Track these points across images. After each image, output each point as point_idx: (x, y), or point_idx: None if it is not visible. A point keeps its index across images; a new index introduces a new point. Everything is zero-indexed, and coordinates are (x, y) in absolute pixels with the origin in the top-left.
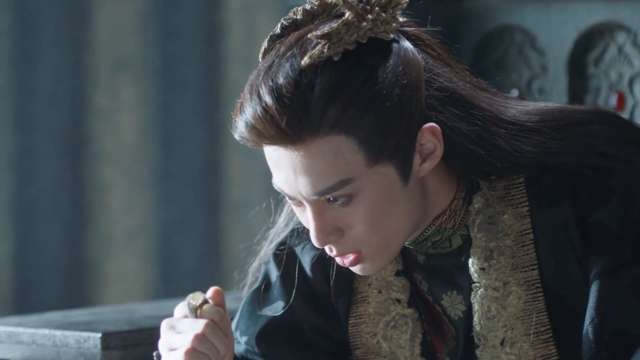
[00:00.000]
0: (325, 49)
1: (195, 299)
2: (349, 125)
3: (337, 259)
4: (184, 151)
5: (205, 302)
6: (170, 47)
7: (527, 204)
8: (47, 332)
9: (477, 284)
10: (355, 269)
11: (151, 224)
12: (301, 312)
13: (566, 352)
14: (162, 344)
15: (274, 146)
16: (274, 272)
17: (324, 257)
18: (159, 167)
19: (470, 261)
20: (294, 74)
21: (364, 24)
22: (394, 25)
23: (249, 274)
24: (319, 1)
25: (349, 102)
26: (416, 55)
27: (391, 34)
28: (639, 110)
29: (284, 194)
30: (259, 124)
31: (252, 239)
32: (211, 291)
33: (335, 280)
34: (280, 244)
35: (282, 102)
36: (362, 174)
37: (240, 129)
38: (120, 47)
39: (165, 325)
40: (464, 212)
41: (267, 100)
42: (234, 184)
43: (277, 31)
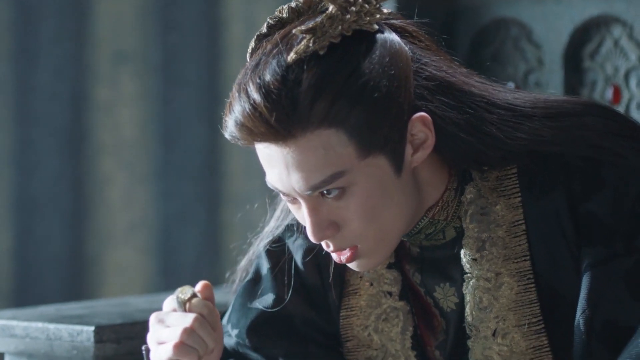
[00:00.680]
0: (310, 44)
1: (183, 292)
2: (337, 118)
3: (334, 256)
4: (184, 145)
5: (194, 295)
6: (170, 41)
7: (519, 194)
8: (40, 325)
9: (469, 275)
10: (352, 266)
11: (151, 218)
12: (292, 304)
13: (558, 343)
14: (150, 338)
15: (265, 143)
16: (264, 265)
17: (315, 250)
18: (159, 162)
19: (462, 252)
20: (280, 70)
21: (347, 16)
22: (377, 16)
23: (237, 272)
24: None
25: (336, 95)
26: (402, 46)
27: (376, 26)
28: (634, 103)
29: (278, 191)
30: (248, 122)
31: (253, 234)
32: (200, 285)
33: (327, 272)
34: (273, 241)
35: (270, 98)
36: (354, 167)
37: (230, 128)
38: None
39: (154, 318)
40: (457, 203)
41: (255, 97)
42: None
43: (264, 30)
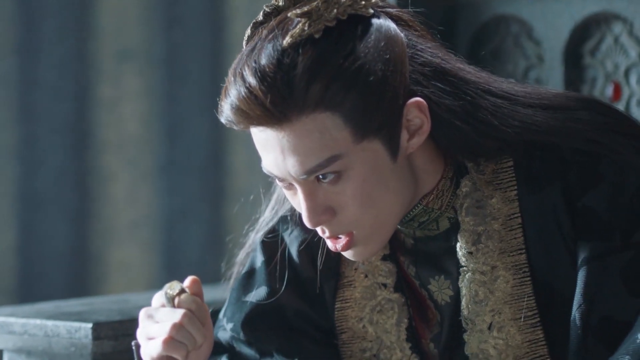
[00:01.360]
0: (305, 27)
1: (172, 288)
2: (333, 101)
3: (329, 244)
4: (188, 141)
5: (182, 291)
6: (174, 37)
7: (515, 187)
8: (38, 322)
9: (464, 268)
10: (347, 254)
11: (155, 214)
12: (286, 298)
13: (554, 336)
14: (140, 333)
15: (260, 127)
16: (259, 258)
17: (311, 243)
18: (162, 158)
19: (458, 245)
20: (276, 54)
21: (342, 0)
22: (373, 1)
23: (235, 265)
24: None
25: (332, 79)
26: (398, 31)
27: (371, 10)
28: (635, 100)
29: (274, 177)
30: (243, 105)
31: (249, 224)
32: (188, 280)
33: (321, 264)
34: (268, 232)
35: (266, 81)
36: (350, 151)
37: (226, 112)
38: (124, 38)
39: (143, 314)
40: (452, 193)
41: (251, 81)
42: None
43: (260, 18)
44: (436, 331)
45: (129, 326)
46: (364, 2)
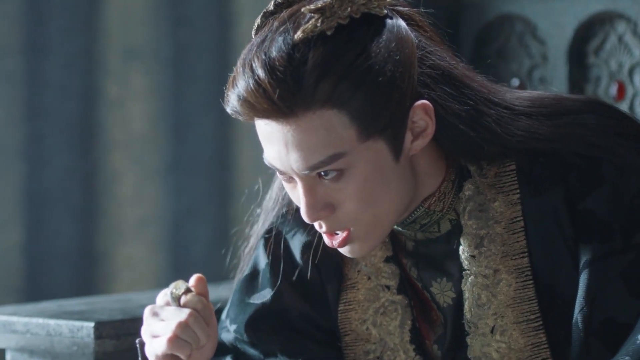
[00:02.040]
0: (318, 23)
1: (177, 287)
2: (341, 99)
3: (326, 240)
4: (195, 140)
5: (188, 290)
6: (181, 36)
7: (518, 191)
8: (40, 321)
9: (467, 272)
10: (343, 250)
11: (161, 213)
12: (289, 300)
13: (556, 339)
14: (144, 331)
15: (266, 120)
16: (262, 260)
17: (314, 244)
18: (169, 157)
19: (460, 248)
20: (287, 48)
21: None
22: (387, 0)
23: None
24: None
25: (341, 77)
26: (409, 32)
27: (384, 10)
28: (639, 99)
29: (275, 169)
30: (251, 97)
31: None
32: (193, 279)
33: (324, 266)
34: (269, 229)
35: (275, 75)
36: (354, 149)
37: (232, 102)
38: (130, 36)
39: (148, 312)
40: (453, 196)
41: (260, 73)
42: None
43: (271, 8)
44: (440, 332)
45: (131, 325)
46: (377, 2)
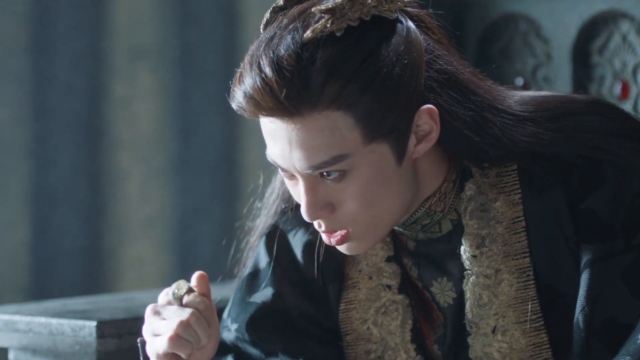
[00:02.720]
0: (328, 24)
1: (179, 287)
2: (347, 101)
3: (324, 237)
4: (202, 140)
5: (190, 290)
6: (188, 35)
7: (519, 191)
8: (43, 320)
9: (469, 272)
10: (341, 248)
11: (168, 212)
12: (290, 299)
13: (558, 339)
14: (146, 329)
15: (271, 118)
16: (263, 259)
17: (315, 243)
18: (176, 156)
19: (462, 248)
20: (295, 47)
21: (368, 1)
22: (398, 4)
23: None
24: None
25: (349, 79)
26: (418, 35)
27: (395, 13)
28: None
29: (277, 166)
30: (257, 95)
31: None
32: (195, 277)
33: (326, 266)
34: (270, 227)
35: (282, 74)
36: (358, 151)
37: (238, 99)
38: (138, 35)
39: (150, 310)
40: (454, 196)
41: (267, 71)
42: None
43: (280, 3)
44: (440, 332)
45: (133, 324)
46: (388, 5)
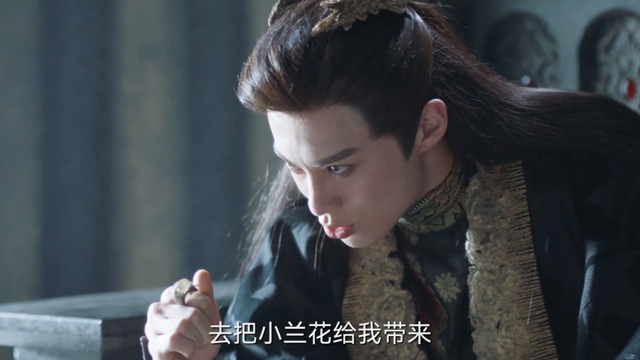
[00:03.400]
0: (336, 18)
1: (182, 286)
2: (355, 96)
3: (327, 231)
4: (210, 138)
5: (192, 289)
6: (197, 33)
7: (524, 186)
8: (48, 318)
9: (473, 267)
10: (346, 241)
11: (177, 211)
12: (293, 295)
13: (562, 335)
14: (148, 328)
15: (279, 112)
16: (267, 255)
17: (319, 239)
18: (185, 154)
19: (466, 244)
20: (303, 41)
21: None
22: None
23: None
24: None
25: (357, 73)
26: (426, 30)
27: (403, 7)
28: None
29: (285, 160)
30: (265, 89)
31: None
32: (198, 275)
33: (330, 261)
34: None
35: (290, 68)
36: (365, 146)
37: (246, 93)
38: (146, 34)
39: (152, 309)
40: (459, 189)
41: (275, 66)
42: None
43: None
44: (444, 328)
45: (138, 323)
46: (396, 0)
